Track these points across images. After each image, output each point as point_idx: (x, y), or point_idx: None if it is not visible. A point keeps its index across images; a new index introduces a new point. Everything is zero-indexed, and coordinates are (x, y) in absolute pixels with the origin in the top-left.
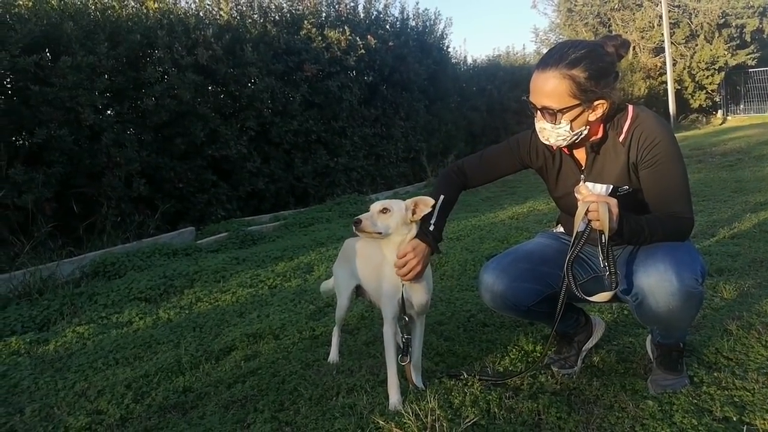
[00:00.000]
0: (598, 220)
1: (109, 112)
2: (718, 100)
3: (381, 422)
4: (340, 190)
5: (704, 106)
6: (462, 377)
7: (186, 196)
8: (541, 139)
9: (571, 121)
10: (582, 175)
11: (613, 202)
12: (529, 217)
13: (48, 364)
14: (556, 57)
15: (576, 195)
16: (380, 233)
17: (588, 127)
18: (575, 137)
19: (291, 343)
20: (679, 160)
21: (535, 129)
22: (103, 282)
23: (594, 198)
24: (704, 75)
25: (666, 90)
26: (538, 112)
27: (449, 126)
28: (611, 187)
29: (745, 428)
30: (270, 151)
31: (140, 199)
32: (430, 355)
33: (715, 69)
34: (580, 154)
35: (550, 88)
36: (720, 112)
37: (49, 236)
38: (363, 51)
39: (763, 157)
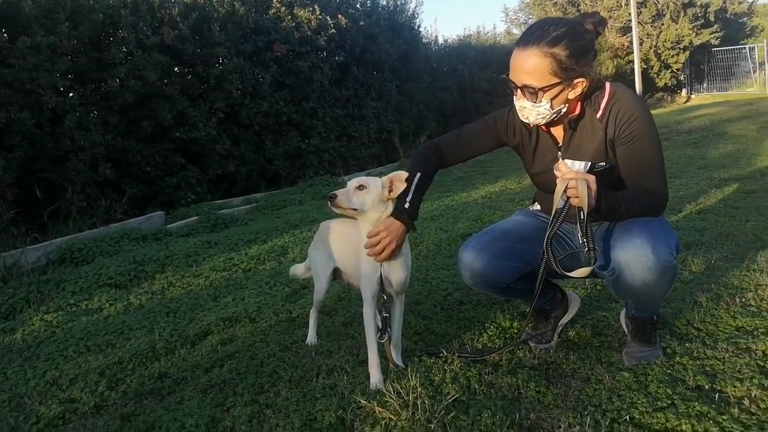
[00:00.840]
0: (577, 197)
1: (71, 94)
2: (682, 78)
3: (363, 401)
4: (312, 172)
5: (669, 84)
6: (441, 355)
7: (154, 180)
8: (521, 118)
9: (552, 99)
10: (559, 152)
11: (592, 178)
12: (501, 196)
13: (16, 353)
14: (536, 34)
15: (555, 172)
16: (355, 209)
17: (567, 104)
18: (555, 115)
19: (268, 326)
20: (655, 136)
21: (512, 107)
22: (70, 269)
23: (573, 175)
24: (670, 54)
25: (633, 69)
26: (518, 90)
27: (421, 106)
28: (589, 163)
29: (717, 396)
30: (240, 133)
31: (106, 183)
32: (408, 334)
33: (680, 48)
34: (558, 131)
35: (531, 66)
36: (684, 91)
37: (11, 223)
38: (333, 30)
39: (725, 134)
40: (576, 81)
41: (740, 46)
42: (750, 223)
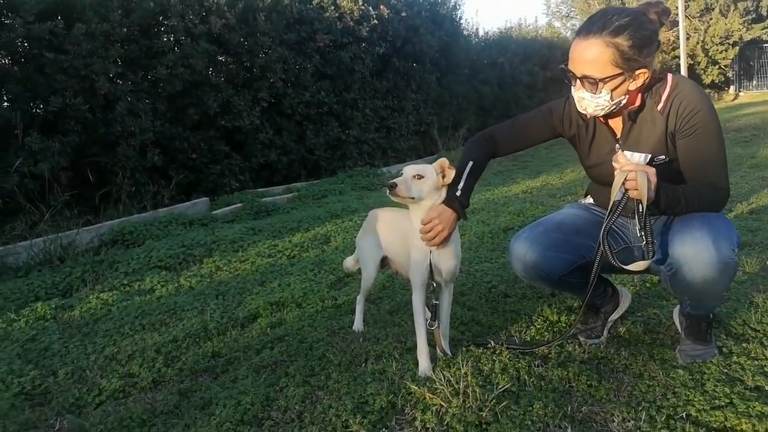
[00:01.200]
0: (636, 189)
1: (122, 81)
2: (730, 75)
3: (414, 387)
4: (351, 163)
5: (716, 81)
6: (489, 345)
7: (199, 167)
8: (579, 109)
9: (612, 90)
10: (617, 144)
11: (652, 171)
12: (542, 191)
13: (75, 329)
14: (599, 24)
15: (613, 164)
16: (413, 198)
17: (627, 96)
18: (614, 106)
19: (314, 311)
20: (718, 130)
21: (568, 97)
22: (122, 250)
23: (632, 167)
24: (718, 50)
25: (679, 65)
26: (578, 80)
27: (460, 99)
28: (649, 156)
29: None
30: (282, 122)
31: (154, 169)
32: (454, 324)
33: (729, 44)
34: (616, 123)
35: (592, 56)
36: (732, 88)
37: (65, 205)
38: (375, 21)
39: None
40: (638, 72)
41: None
42: None
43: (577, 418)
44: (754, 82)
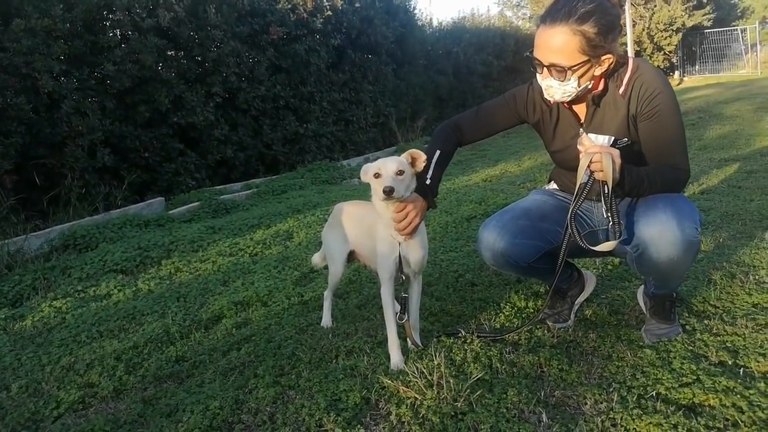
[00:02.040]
0: (602, 170)
1: (67, 78)
2: (675, 61)
3: (387, 381)
4: (310, 157)
5: (662, 67)
6: (460, 335)
7: (153, 166)
8: (546, 96)
9: (579, 77)
10: (581, 128)
11: (616, 152)
12: (502, 179)
13: (28, 339)
14: (565, 11)
15: (578, 147)
16: (407, 197)
17: (592, 81)
18: (580, 92)
19: (281, 309)
20: (677, 112)
21: (531, 83)
22: (74, 255)
23: (597, 149)
24: (662, 36)
25: (626, 51)
26: (545, 69)
27: (417, 90)
28: (613, 138)
29: (741, 371)
30: (238, 117)
31: (105, 169)
32: (423, 315)
33: (672, 30)
34: (580, 108)
35: (559, 44)
36: (677, 73)
37: (11, 210)
38: (330, 12)
39: (721, 115)
40: (603, 58)
41: (732, 28)
42: (754, 203)
43: (551, 402)
44: (697, 67)
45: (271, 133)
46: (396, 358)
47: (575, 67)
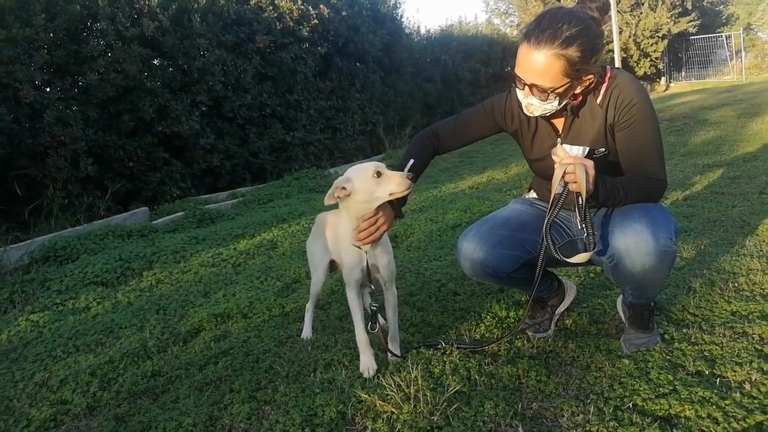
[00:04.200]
0: (576, 182)
1: (50, 88)
2: (661, 67)
3: (363, 395)
4: (297, 165)
5: (649, 73)
6: (440, 346)
7: (137, 176)
8: (526, 113)
9: (560, 96)
10: (559, 139)
11: (590, 163)
12: (488, 186)
13: (2, 355)
14: (549, 33)
15: (553, 157)
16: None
17: (573, 97)
18: (560, 108)
19: (261, 321)
20: (654, 122)
21: (509, 91)
22: (54, 267)
23: (571, 160)
24: (648, 43)
25: (613, 58)
26: (526, 87)
27: (405, 98)
28: (587, 149)
29: (717, 381)
30: (224, 126)
31: (88, 179)
32: (404, 326)
33: (658, 37)
34: (558, 119)
35: (542, 67)
36: (663, 79)
37: None
38: (316, 21)
39: (706, 121)
40: (585, 78)
41: (717, 35)
42: (736, 209)
43: (528, 415)
44: (683, 73)
45: (258, 142)
46: (365, 359)
47: (557, 89)
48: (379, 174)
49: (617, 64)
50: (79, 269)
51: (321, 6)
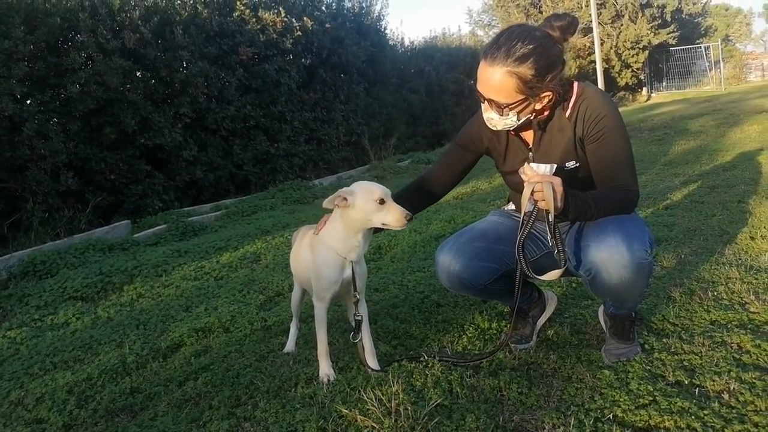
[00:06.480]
0: (544, 200)
1: (29, 101)
2: (642, 77)
3: (344, 410)
4: (282, 177)
5: (630, 84)
6: (422, 359)
7: (119, 188)
8: (489, 126)
9: (518, 112)
10: (530, 153)
11: (557, 181)
12: (473, 196)
13: None
14: (503, 51)
15: (521, 176)
16: None
17: (534, 113)
18: (523, 123)
19: (243, 336)
20: (624, 133)
21: (475, 117)
22: (33, 282)
23: (538, 178)
24: (630, 54)
25: (595, 69)
26: (485, 101)
27: (389, 108)
28: (554, 166)
29: (696, 390)
30: (207, 138)
31: (69, 192)
32: (387, 338)
33: (639, 48)
34: (527, 134)
35: (496, 83)
36: (645, 90)
37: None
38: (299, 33)
39: (687, 131)
40: (542, 95)
41: (696, 46)
42: (716, 218)
43: (509, 428)
44: (664, 83)
45: (242, 153)
46: (323, 365)
47: (512, 105)
48: (382, 201)
49: (599, 74)
50: (58, 284)
51: (305, 18)
